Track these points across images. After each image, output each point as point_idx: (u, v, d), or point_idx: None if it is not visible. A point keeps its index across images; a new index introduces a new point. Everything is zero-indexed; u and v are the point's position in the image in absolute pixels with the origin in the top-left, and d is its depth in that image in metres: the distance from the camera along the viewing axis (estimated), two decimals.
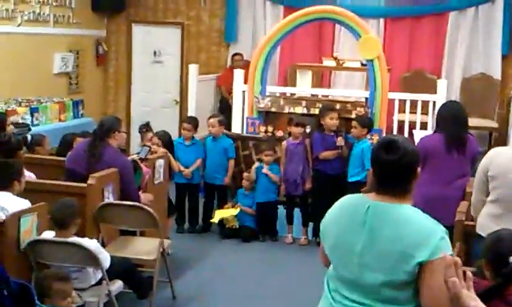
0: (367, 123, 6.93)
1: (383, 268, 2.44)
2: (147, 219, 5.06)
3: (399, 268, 2.40)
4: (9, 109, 7.62)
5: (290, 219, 7.17)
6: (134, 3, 10.66)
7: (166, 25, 10.66)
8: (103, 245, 4.88)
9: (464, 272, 1.86)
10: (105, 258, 4.44)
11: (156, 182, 6.04)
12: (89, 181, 4.99)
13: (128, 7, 10.65)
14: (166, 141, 6.66)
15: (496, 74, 9.55)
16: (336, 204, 2.70)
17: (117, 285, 4.66)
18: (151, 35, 10.69)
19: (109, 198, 5.17)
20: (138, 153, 5.99)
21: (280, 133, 7.44)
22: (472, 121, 8.76)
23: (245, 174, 7.23)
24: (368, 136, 6.94)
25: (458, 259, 1.87)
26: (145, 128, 7.07)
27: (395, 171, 2.52)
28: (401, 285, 2.43)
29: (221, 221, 7.10)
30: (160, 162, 6.11)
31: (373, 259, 2.47)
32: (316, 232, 6.75)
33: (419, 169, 2.60)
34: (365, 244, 2.49)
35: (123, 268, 4.77)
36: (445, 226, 2.61)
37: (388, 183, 2.54)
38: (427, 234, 2.41)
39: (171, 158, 6.66)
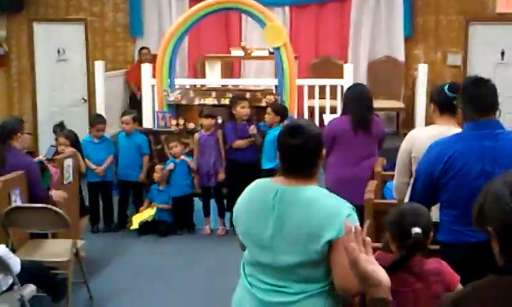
0: (281, 110, 6.96)
1: (294, 250, 2.48)
2: (57, 220, 4.92)
3: (310, 249, 2.45)
4: None
5: (206, 211, 7.16)
6: (33, 1, 10.32)
7: (68, 22, 10.39)
8: (13, 250, 4.72)
9: (364, 239, 1.90)
10: (15, 263, 4.32)
11: (65, 182, 5.89)
12: None
13: (27, 6, 10.30)
14: (73, 140, 6.49)
15: (400, 56, 9.85)
16: (246, 190, 2.73)
17: (29, 289, 4.52)
18: (53, 33, 10.40)
19: (17, 202, 5.02)
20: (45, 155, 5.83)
21: (191, 125, 7.40)
22: (380, 103, 9.06)
23: (157, 166, 7.15)
24: (281, 124, 6.98)
25: (358, 226, 1.91)
26: (60, 128, 6.89)
27: (300, 154, 2.56)
28: (314, 264, 2.47)
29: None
30: (68, 162, 5.96)
31: (284, 242, 2.50)
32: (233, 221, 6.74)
33: (324, 151, 2.64)
34: (274, 227, 2.52)
35: (35, 272, 4.65)
36: (357, 206, 2.67)
37: (294, 167, 2.57)
38: (333, 213, 2.46)
39: (80, 157, 6.50)
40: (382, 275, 1.82)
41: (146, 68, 8.50)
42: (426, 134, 3.82)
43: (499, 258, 1.62)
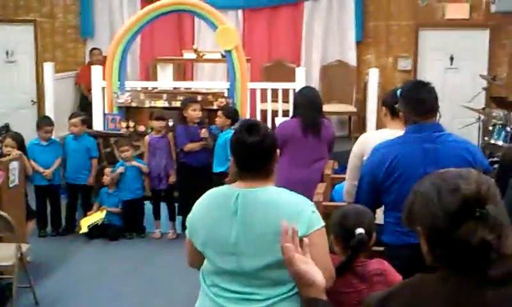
0: (231, 113, 6.96)
1: (260, 252, 2.44)
2: (2, 223, 4.82)
3: (276, 249, 2.38)
4: None
5: (157, 214, 7.10)
6: None
7: (17, 23, 10.20)
8: None
9: (301, 239, 1.90)
10: None
11: (11, 185, 5.77)
12: None
13: None
14: (20, 142, 6.36)
15: (352, 60, 9.96)
16: (203, 198, 2.66)
17: None
18: (1, 34, 10.19)
19: None
20: None
21: (141, 128, 7.32)
22: (332, 107, 9.15)
23: (106, 169, 7.06)
24: (233, 127, 6.98)
25: (294, 227, 1.91)
26: (5, 130, 6.75)
27: (257, 152, 2.53)
28: (282, 265, 2.41)
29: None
30: (14, 165, 5.84)
31: (249, 245, 2.46)
32: (184, 225, 6.70)
33: (278, 152, 2.62)
34: (238, 232, 2.48)
35: None
36: None
37: (252, 166, 2.54)
38: (299, 210, 2.45)
39: (26, 159, 6.38)
40: (316, 275, 1.82)
41: (96, 70, 8.38)
42: (378, 138, 3.83)
43: (427, 256, 1.64)
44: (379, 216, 3.34)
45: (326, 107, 5.59)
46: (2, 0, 10.14)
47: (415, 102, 3.30)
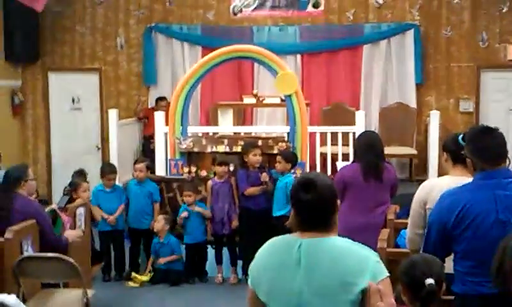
0: (290, 158, 6.97)
1: (324, 303, 2.42)
2: (69, 269, 4.88)
3: (342, 300, 2.39)
4: None
5: (219, 259, 7.11)
6: (49, 51, 10.49)
7: (83, 72, 10.53)
8: (24, 300, 4.69)
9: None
10: None
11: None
12: (6, 235, 4.79)
13: (43, 56, 10.47)
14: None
15: (412, 102, 9.87)
16: (264, 247, 2.64)
17: None
18: (68, 82, 10.53)
19: (28, 251, 4.99)
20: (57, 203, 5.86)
21: (203, 173, 7.40)
22: (392, 150, 9.06)
23: (159, 216, 7.05)
24: (293, 170, 7.00)
25: (380, 287, 1.88)
26: (79, 175, 6.92)
27: (315, 209, 2.52)
28: None
29: None
30: (80, 211, 5.96)
31: (313, 295, 2.43)
32: (245, 270, 6.70)
33: (339, 201, 2.61)
34: (302, 282, 2.45)
35: None
36: None
37: (311, 221, 2.53)
38: (364, 260, 2.42)
39: (92, 206, 6.53)
40: None
41: (159, 116, 8.56)
42: (441, 185, 3.74)
43: None
44: (449, 265, 3.26)
45: (387, 150, 5.54)
46: (69, 49, 10.49)
47: (481, 149, 3.24)
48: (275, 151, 7.27)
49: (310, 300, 2.44)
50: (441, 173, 6.72)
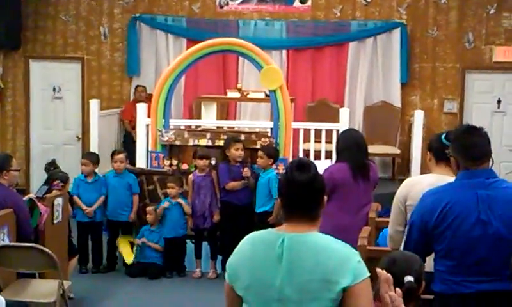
0: (272, 153, 6.93)
1: (305, 299, 2.37)
2: (45, 260, 4.83)
3: (323, 297, 2.35)
4: None
5: (198, 253, 7.05)
6: (30, 39, 10.34)
7: (65, 61, 10.40)
8: None
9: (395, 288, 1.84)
10: (0, 302, 4.20)
11: (55, 221, 5.79)
12: None
13: (25, 43, 10.32)
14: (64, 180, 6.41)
15: (396, 102, 9.85)
16: (245, 242, 2.57)
17: None
18: (50, 71, 10.41)
19: (5, 240, 4.93)
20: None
21: (184, 166, 7.32)
22: (375, 148, 9.03)
23: (148, 207, 7.05)
24: (274, 166, 6.94)
25: (389, 276, 1.85)
26: (51, 166, 6.84)
27: (308, 190, 2.46)
28: None
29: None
30: (58, 201, 5.87)
31: (294, 291, 2.39)
32: (224, 265, 6.63)
33: (326, 198, 2.54)
34: (284, 277, 2.40)
35: None
36: None
37: (300, 205, 2.46)
38: (346, 259, 2.38)
39: (75, 196, 6.58)
40: None
41: (141, 108, 8.47)
42: (423, 183, 3.73)
43: None
44: (429, 264, 3.22)
45: (370, 149, 5.48)
46: (52, 37, 10.35)
47: (466, 147, 3.21)
48: (258, 147, 7.21)
49: (290, 295, 2.39)
50: (424, 172, 6.68)
